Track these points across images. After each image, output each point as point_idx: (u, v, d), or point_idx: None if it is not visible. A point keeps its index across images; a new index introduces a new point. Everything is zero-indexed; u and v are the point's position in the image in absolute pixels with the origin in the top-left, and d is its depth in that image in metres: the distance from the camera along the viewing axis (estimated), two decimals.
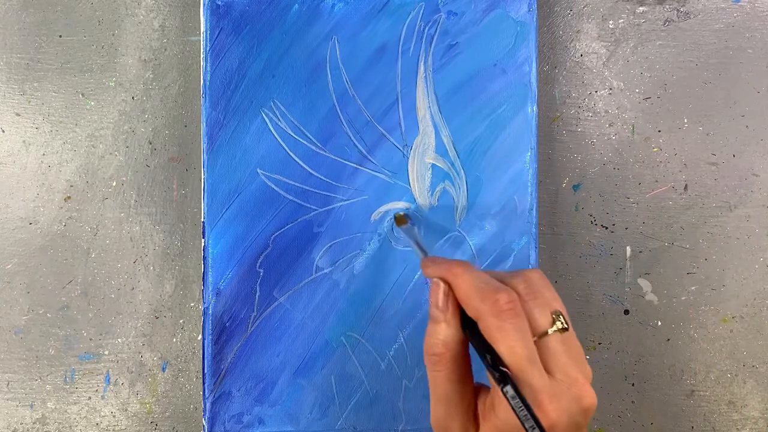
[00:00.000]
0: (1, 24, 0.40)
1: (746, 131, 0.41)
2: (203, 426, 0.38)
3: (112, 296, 0.40)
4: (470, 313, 0.29)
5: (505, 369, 0.27)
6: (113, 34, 0.41)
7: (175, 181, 0.41)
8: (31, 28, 0.40)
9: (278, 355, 0.38)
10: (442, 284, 0.30)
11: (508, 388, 0.26)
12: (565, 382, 0.28)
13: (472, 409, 0.30)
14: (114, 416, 0.40)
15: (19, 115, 0.40)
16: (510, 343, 0.27)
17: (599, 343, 0.41)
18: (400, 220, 0.36)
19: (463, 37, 0.38)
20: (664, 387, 0.40)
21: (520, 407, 0.26)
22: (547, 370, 0.28)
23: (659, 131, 0.41)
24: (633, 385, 0.41)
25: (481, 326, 0.28)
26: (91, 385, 0.40)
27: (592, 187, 0.41)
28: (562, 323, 0.29)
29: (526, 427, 0.25)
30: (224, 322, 0.38)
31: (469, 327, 0.29)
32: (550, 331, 0.28)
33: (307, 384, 0.38)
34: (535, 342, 0.28)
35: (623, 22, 0.41)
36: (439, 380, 0.29)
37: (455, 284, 0.29)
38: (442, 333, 0.29)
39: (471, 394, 0.30)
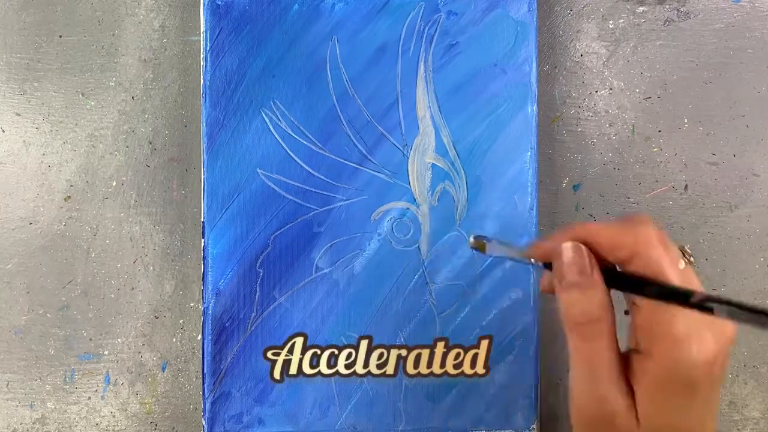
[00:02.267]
0: (1, 24, 0.40)
1: (746, 131, 0.41)
2: (203, 426, 0.37)
3: (112, 296, 0.40)
4: (622, 254, 0.27)
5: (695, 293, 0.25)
6: (113, 34, 0.41)
7: (175, 181, 0.41)
8: (31, 28, 0.40)
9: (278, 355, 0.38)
10: (579, 245, 0.27)
11: (717, 307, 0.24)
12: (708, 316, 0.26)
13: (625, 377, 0.27)
14: (114, 416, 0.40)
15: (19, 115, 0.40)
16: (665, 276, 0.26)
17: None
18: (480, 245, 0.32)
19: (463, 37, 0.38)
20: None
21: (739, 309, 0.24)
22: None
23: (659, 131, 0.41)
24: None
25: (638, 265, 0.26)
26: (90, 385, 0.40)
27: (593, 187, 0.41)
28: (690, 257, 0.28)
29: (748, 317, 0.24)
30: (224, 322, 0.38)
31: (614, 275, 0.27)
32: (681, 265, 0.27)
33: (307, 384, 0.38)
34: None
35: (623, 22, 0.41)
36: (599, 350, 0.27)
37: (597, 236, 0.27)
38: (596, 296, 0.27)
39: (621, 359, 0.27)
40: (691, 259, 0.28)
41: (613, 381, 0.27)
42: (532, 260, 0.29)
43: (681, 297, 0.25)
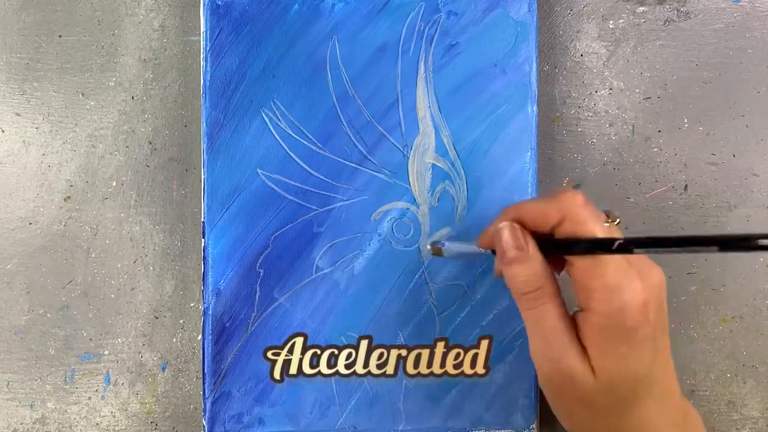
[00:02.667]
0: (1, 24, 0.40)
1: (746, 131, 0.41)
2: (203, 426, 0.38)
3: (112, 296, 0.40)
4: (552, 220, 0.30)
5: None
6: (113, 34, 0.41)
7: (175, 181, 0.41)
8: (31, 28, 0.40)
9: (278, 355, 0.38)
10: (512, 224, 0.31)
11: (622, 241, 0.27)
12: (636, 263, 0.29)
13: (578, 338, 0.30)
14: (114, 416, 0.40)
15: (19, 115, 0.40)
16: (597, 226, 0.29)
17: None
18: (437, 251, 0.35)
19: (463, 37, 0.38)
20: None
21: (660, 243, 0.27)
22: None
23: (659, 131, 0.41)
24: None
25: (567, 228, 0.29)
26: (91, 385, 0.40)
27: (593, 187, 0.41)
28: (617, 219, 0.30)
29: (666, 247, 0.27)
30: (224, 322, 0.38)
31: (548, 243, 0.30)
32: (606, 225, 0.30)
33: (307, 384, 0.38)
34: None
35: (623, 22, 0.41)
36: (545, 314, 0.30)
37: (524, 210, 0.31)
38: (531, 266, 0.30)
39: (572, 321, 0.30)
40: (617, 221, 0.30)
41: (563, 341, 0.29)
42: (482, 250, 0.33)
43: (605, 246, 0.28)
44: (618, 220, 0.31)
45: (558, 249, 0.30)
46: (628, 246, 0.27)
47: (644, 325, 0.28)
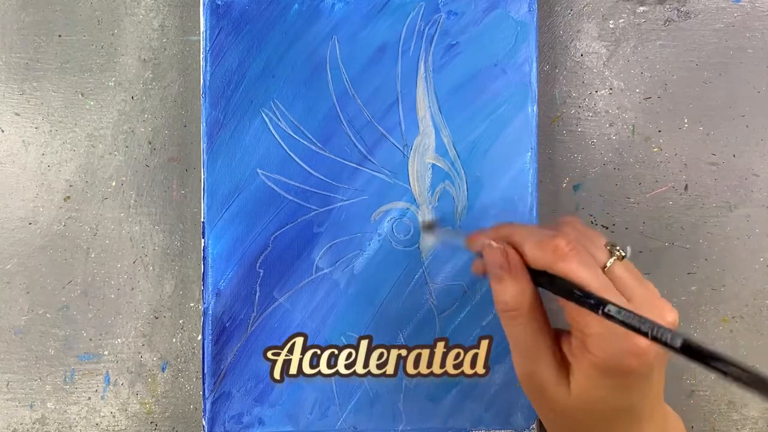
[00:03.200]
0: (1, 23, 0.40)
1: (746, 131, 0.41)
2: (203, 426, 0.37)
3: (112, 296, 0.40)
4: (537, 265, 0.30)
5: (597, 296, 0.27)
6: (113, 34, 0.40)
7: (175, 181, 0.40)
8: (31, 28, 0.40)
9: (278, 355, 0.38)
10: (496, 245, 0.31)
11: (610, 307, 0.26)
12: (644, 303, 0.28)
13: (558, 354, 0.30)
14: (114, 416, 0.40)
15: (19, 115, 0.40)
16: (583, 281, 0.28)
17: None
18: (430, 227, 0.35)
19: (463, 37, 0.38)
20: (664, 387, 0.40)
21: (630, 317, 0.26)
22: (626, 297, 0.29)
23: (659, 131, 0.41)
24: None
25: (558, 273, 0.29)
26: (90, 386, 0.40)
27: (593, 188, 0.41)
28: (619, 251, 0.30)
29: (644, 331, 0.25)
30: (224, 322, 0.38)
31: (541, 277, 0.30)
32: (609, 262, 0.29)
33: (306, 384, 0.38)
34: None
35: (623, 21, 0.41)
36: (520, 333, 0.30)
37: (516, 244, 0.30)
38: (511, 288, 0.30)
39: (552, 339, 0.30)
40: (622, 253, 0.30)
41: (537, 358, 0.30)
42: (468, 250, 0.33)
43: (592, 307, 0.27)
44: (623, 254, 0.30)
45: (549, 284, 0.30)
46: (611, 315, 0.26)
47: (641, 367, 0.28)
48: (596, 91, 0.41)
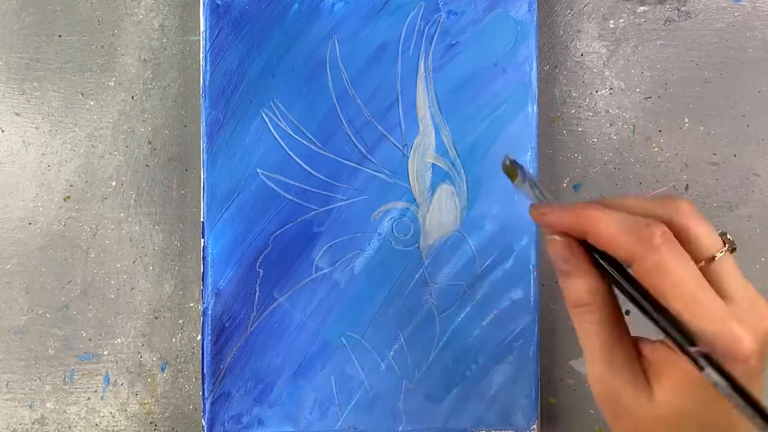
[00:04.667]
0: (1, 23, 0.40)
1: (747, 131, 0.41)
2: (203, 426, 0.37)
3: (112, 296, 0.40)
4: (621, 256, 0.26)
5: (695, 346, 0.23)
6: (113, 34, 0.40)
7: (175, 181, 0.40)
8: (31, 28, 0.40)
9: (278, 355, 0.38)
10: (559, 239, 0.27)
11: (708, 370, 0.23)
12: (745, 303, 0.25)
13: (636, 359, 0.27)
14: (113, 417, 0.40)
15: (19, 115, 0.40)
16: (675, 274, 0.24)
17: None
18: (511, 172, 0.29)
19: (463, 36, 0.38)
20: None
21: (710, 369, 0.22)
22: (722, 296, 0.25)
23: (660, 131, 0.41)
24: None
25: (637, 270, 0.25)
26: (90, 386, 0.40)
27: (593, 187, 0.41)
28: (731, 242, 0.26)
29: (746, 411, 0.22)
30: (224, 322, 0.38)
31: (617, 275, 0.26)
32: (719, 254, 0.25)
33: (306, 384, 0.38)
34: (700, 269, 0.25)
35: (624, 21, 0.41)
36: (593, 331, 0.27)
37: (595, 230, 0.26)
38: (583, 283, 0.27)
39: (630, 344, 0.27)
40: (734, 244, 0.26)
41: (612, 361, 0.26)
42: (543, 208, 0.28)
43: (667, 333, 0.24)
44: (734, 246, 0.26)
45: (627, 286, 0.26)
46: (696, 357, 0.23)
47: (741, 375, 0.24)
48: (596, 91, 0.41)
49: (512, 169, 0.28)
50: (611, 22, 0.41)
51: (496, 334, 0.38)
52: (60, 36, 0.40)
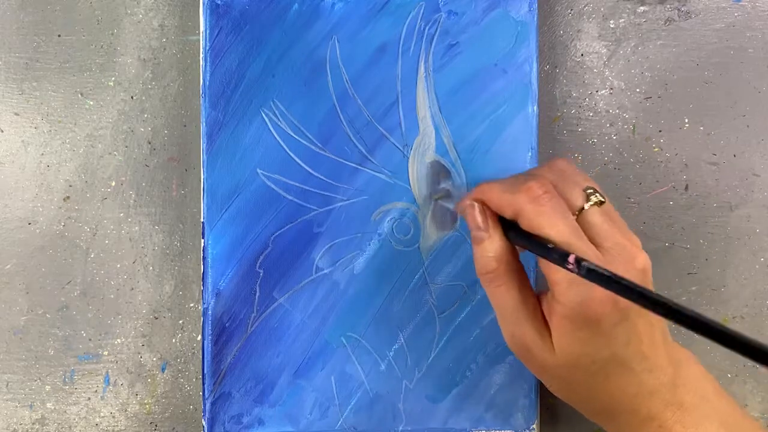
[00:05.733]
0: (0, 23, 0.40)
1: (747, 131, 0.41)
2: (203, 427, 0.37)
3: (112, 296, 0.40)
4: (508, 214, 0.29)
5: (561, 250, 0.27)
6: (112, 34, 0.40)
7: (175, 181, 0.40)
8: (30, 28, 0.40)
9: (278, 355, 0.38)
10: (475, 204, 0.31)
11: (571, 258, 0.26)
12: (614, 249, 0.28)
13: (540, 315, 0.30)
14: (113, 417, 0.40)
15: (18, 115, 0.40)
16: (552, 225, 0.28)
17: None
18: (440, 196, 0.36)
19: (463, 36, 0.38)
20: None
21: (592, 270, 0.26)
22: (595, 245, 0.28)
23: (660, 131, 0.41)
24: None
25: (522, 222, 0.29)
26: (90, 386, 0.40)
27: None
28: (597, 197, 0.29)
29: (608, 284, 0.25)
30: (224, 322, 0.38)
31: (512, 232, 0.30)
32: (586, 205, 0.29)
33: (306, 384, 0.38)
34: (576, 220, 0.29)
35: (624, 21, 0.41)
36: (501, 294, 0.30)
37: (488, 197, 0.30)
38: (489, 248, 0.30)
39: (534, 301, 0.31)
40: (600, 198, 0.29)
41: (519, 319, 0.30)
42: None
43: (553, 255, 0.27)
44: (602, 199, 0.29)
45: (518, 238, 0.30)
46: (571, 265, 0.26)
47: (611, 314, 0.28)
48: (597, 91, 0.41)
49: (440, 195, 0.35)
50: (611, 22, 0.41)
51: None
52: (59, 36, 0.40)
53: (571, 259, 0.26)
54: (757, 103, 0.41)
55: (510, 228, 0.30)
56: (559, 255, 0.27)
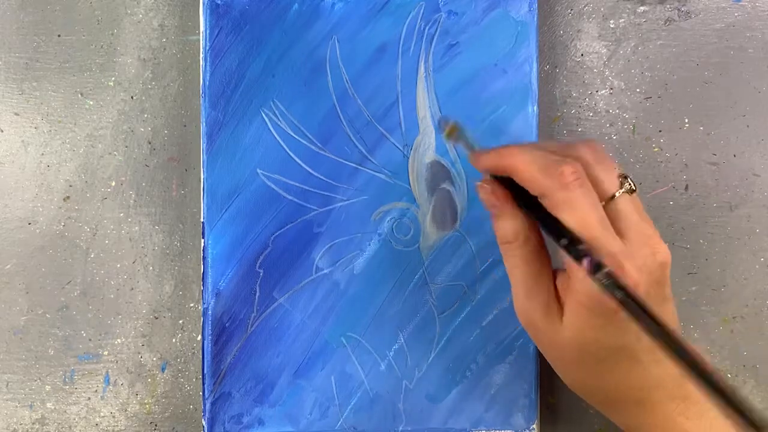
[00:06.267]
0: (0, 23, 0.40)
1: (747, 131, 0.41)
2: (203, 426, 0.37)
3: (112, 296, 0.40)
4: (535, 191, 0.29)
5: (580, 246, 0.27)
6: (112, 34, 0.40)
7: (175, 181, 0.40)
8: (30, 28, 0.40)
9: (278, 355, 0.38)
10: (485, 185, 0.31)
11: (585, 262, 0.26)
12: (638, 240, 0.28)
13: (553, 290, 0.30)
14: (113, 417, 0.40)
15: (18, 115, 0.40)
16: (580, 213, 0.27)
17: None
18: (451, 130, 0.33)
19: (463, 36, 0.38)
20: None
21: (604, 279, 0.26)
22: (619, 234, 0.28)
23: (660, 131, 0.41)
24: None
25: (548, 204, 0.28)
26: (90, 386, 0.40)
27: None
28: (630, 185, 0.29)
29: (615, 295, 0.25)
30: (224, 322, 0.38)
31: (533, 208, 0.29)
32: (618, 193, 0.29)
33: (306, 384, 0.38)
34: (603, 207, 0.28)
35: (624, 21, 0.41)
36: (515, 264, 0.30)
37: (513, 167, 0.29)
38: (508, 224, 0.30)
39: (549, 275, 0.30)
40: (632, 186, 0.29)
41: (531, 293, 0.30)
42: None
43: (570, 251, 0.27)
44: (634, 187, 0.29)
45: (539, 220, 0.29)
46: (585, 261, 0.26)
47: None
48: (597, 91, 0.41)
49: (452, 131, 0.33)
50: (611, 22, 0.41)
51: (496, 334, 0.38)
52: (59, 36, 0.40)
53: (586, 263, 0.26)
54: (757, 103, 0.41)
55: (531, 206, 0.30)
56: (576, 251, 0.27)
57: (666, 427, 0.30)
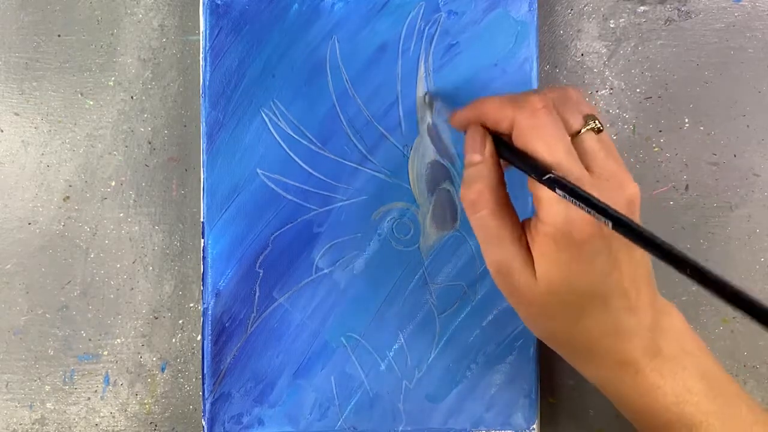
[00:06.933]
0: (0, 23, 0.40)
1: (747, 131, 0.41)
2: (203, 427, 0.37)
3: (111, 296, 0.40)
4: (504, 126, 0.29)
5: (549, 174, 0.27)
6: (112, 34, 0.40)
7: (175, 181, 0.40)
8: (30, 28, 0.40)
9: (278, 355, 0.38)
10: (478, 127, 0.30)
11: (551, 176, 0.26)
12: (604, 175, 0.28)
13: (524, 241, 0.30)
14: (113, 417, 0.40)
15: (18, 115, 0.40)
16: (547, 140, 0.27)
17: None
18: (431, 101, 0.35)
19: (463, 36, 0.38)
20: None
21: (574, 194, 0.26)
22: (587, 168, 0.28)
23: (660, 131, 0.41)
24: None
25: (516, 134, 0.28)
26: (90, 386, 0.40)
27: None
28: (596, 123, 0.29)
29: (589, 210, 0.25)
30: (224, 322, 0.38)
31: (503, 147, 0.29)
32: (583, 129, 0.29)
33: (306, 385, 0.38)
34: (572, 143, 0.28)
35: (624, 21, 0.41)
36: (484, 220, 0.30)
37: (485, 109, 0.30)
38: (478, 172, 0.30)
39: (519, 226, 0.30)
40: (598, 125, 0.29)
41: (502, 243, 0.30)
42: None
43: (537, 172, 0.27)
44: (600, 126, 0.29)
45: (510, 156, 0.30)
46: (553, 184, 0.26)
47: (594, 239, 0.27)
48: (597, 91, 0.41)
49: (431, 100, 0.34)
50: (611, 21, 0.41)
51: (496, 334, 0.38)
52: (59, 36, 0.40)
53: (549, 175, 0.26)
54: (757, 103, 0.41)
55: (501, 144, 0.30)
56: (541, 172, 0.27)
57: (637, 382, 0.29)
